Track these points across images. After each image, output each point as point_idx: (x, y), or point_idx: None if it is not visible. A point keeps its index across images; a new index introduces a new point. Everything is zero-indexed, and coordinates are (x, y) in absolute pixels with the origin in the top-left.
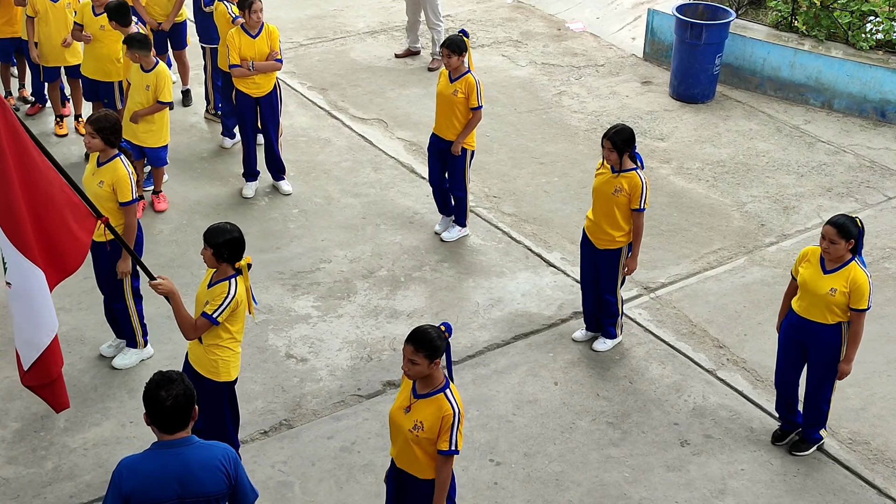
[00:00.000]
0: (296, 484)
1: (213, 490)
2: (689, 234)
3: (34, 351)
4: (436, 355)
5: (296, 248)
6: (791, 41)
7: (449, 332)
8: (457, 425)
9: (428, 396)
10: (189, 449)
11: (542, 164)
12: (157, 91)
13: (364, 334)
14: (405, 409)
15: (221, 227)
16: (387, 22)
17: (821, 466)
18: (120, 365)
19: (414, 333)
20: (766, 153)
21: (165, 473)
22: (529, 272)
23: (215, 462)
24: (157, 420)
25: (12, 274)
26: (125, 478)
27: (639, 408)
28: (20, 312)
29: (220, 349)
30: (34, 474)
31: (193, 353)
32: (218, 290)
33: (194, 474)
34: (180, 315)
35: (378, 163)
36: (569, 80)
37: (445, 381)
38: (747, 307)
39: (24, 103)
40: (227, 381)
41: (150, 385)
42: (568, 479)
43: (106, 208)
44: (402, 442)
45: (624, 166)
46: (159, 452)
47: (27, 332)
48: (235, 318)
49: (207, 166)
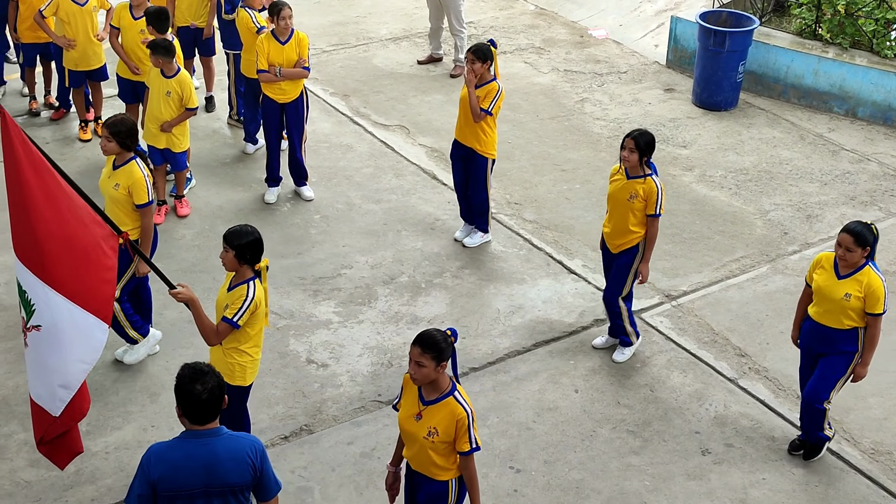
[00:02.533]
0: (316, 489)
1: (239, 481)
2: (712, 242)
3: (68, 391)
4: (442, 358)
5: (317, 253)
6: (815, 49)
7: (455, 337)
8: (472, 424)
9: (437, 402)
10: (218, 440)
11: (563, 171)
12: (184, 99)
13: (385, 340)
14: (415, 416)
15: (242, 230)
16: (409, 28)
17: (843, 476)
18: (130, 360)
19: (420, 336)
20: (789, 161)
21: (193, 463)
22: (550, 279)
23: (243, 454)
24: (192, 413)
25: (42, 314)
26: (153, 464)
27: (660, 416)
28: (54, 354)
29: (240, 353)
30: (56, 477)
31: (213, 356)
32: (237, 294)
33: (222, 465)
34: (201, 322)
35: (399, 169)
36: (591, 87)
37: (452, 385)
38: (770, 315)
39: (50, 108)
40: (241, 385)
41: (182, 380)
42: (588, 487)
43: (123, 211)
44: (418, 448)
45: (641, 171)
46: (189, 442)
47: (60, 375)
48: (255, 321)
49: (230, 171)
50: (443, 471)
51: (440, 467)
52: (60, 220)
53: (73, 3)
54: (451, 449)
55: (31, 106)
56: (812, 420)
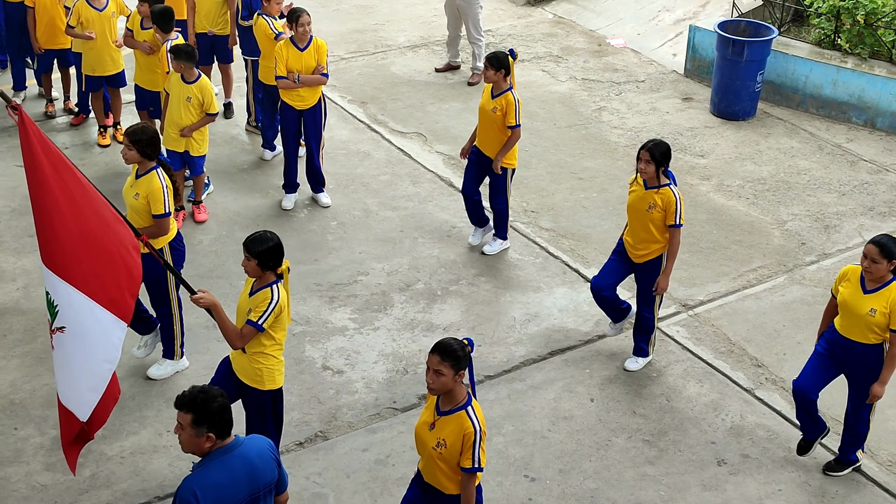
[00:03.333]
0: (330, 496)
1: (272, 478)
2: (729, 252)
3: (95, 393)
4: (460, 367)
5: (333, 260)
6: (834, 59)
7: (471, 346)
8: (478, 443)
9: (450, 413)
10: (243, 447)
11: (580, 180)
12: (204, 105)
13: (400, 347)
14: (430, 425)
15: (263, 236)
16: (427, 36)
17: (859, 488)
18: (155, 375)
19: (439, 344)
20: (807, 171)
21: (236, 476)
22: (567, 287)
23: (266, 451)
24: (224, 425)
25: (65, 315)
26: (202, 497)
27: (675, 426)
28: (80, 355)
29: (265, 357)
30: (72, 481)
31: (237, 362)
32: (261, 297)
33: (257, 468)
34: (224, 326)
35: (416, 176)
36: (609, 96)
37: (468, 398)
38: (787, 326)
39: (70, 114)
40: (271, 389)
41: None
42: (603, 496)
43: (142, 220)
44: (427, 458)
45: (658, 182)
46: (223, 459)
47: (87, 377)
48: (279, 325)
49: (248, 178)
50: (452, 483)
51: (449, 479)
52: (80, 218)
53: (91, 9)
54: (458, 463)
55: (48, 109)
56: (852, 439)
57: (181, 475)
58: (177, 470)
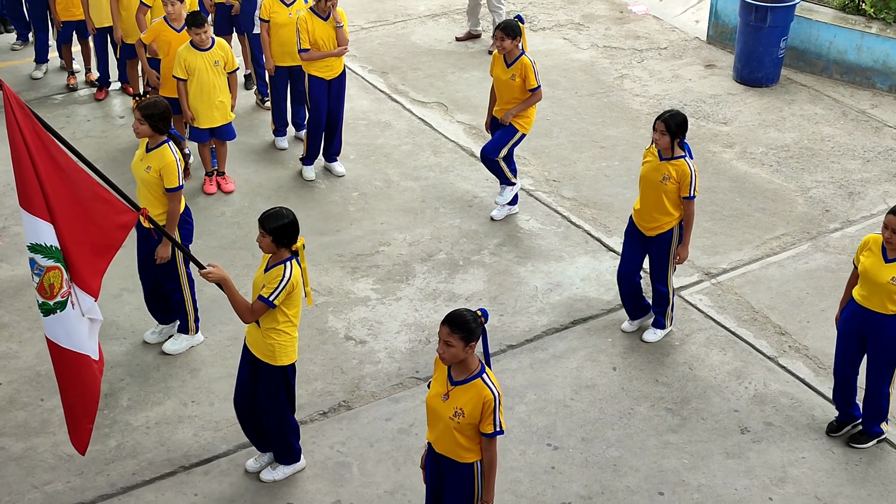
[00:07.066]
0: (354, 465)
1: None
2: (752, 220)
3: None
4: (471, 338)
5: (355, 230)
6: (858, 24)
7: (485, 317)
8: (498, 407)
9: (465, 383)
10: None
11: (602, 148)
12: (228, 64)
13: (422, 317)
14: (443, 396)
15: (278, 213)
16: (448, 5)
17: (884, 456)
18: (171, 350)
19: (450, 315)
20: (831, 138)
21: None
22: (589, 257)
23: None
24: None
25: None
26: None
27: (698, 394)
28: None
29: (278, 333)
30: (98, 451)
31: (251, 336)
32: (274, 274)
33: None
34: (235, 300)
35: (438, 146)
36: (631, 64)
37: (481, 366)
38: (810, 294)
39: (91, 86)
40: (283, 364)
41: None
42: (626, 464)
43: (153, 194)
44: (443, 428)
45: (673, 153)
46: None
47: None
48: (292, 302)
49: (269, 149)
50: (468, 452)
51: (465, 448)
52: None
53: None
54: (477, 431)
55: (69, 81)
56: (874, 412)
57: (206, 445)
58: (202, 440)
